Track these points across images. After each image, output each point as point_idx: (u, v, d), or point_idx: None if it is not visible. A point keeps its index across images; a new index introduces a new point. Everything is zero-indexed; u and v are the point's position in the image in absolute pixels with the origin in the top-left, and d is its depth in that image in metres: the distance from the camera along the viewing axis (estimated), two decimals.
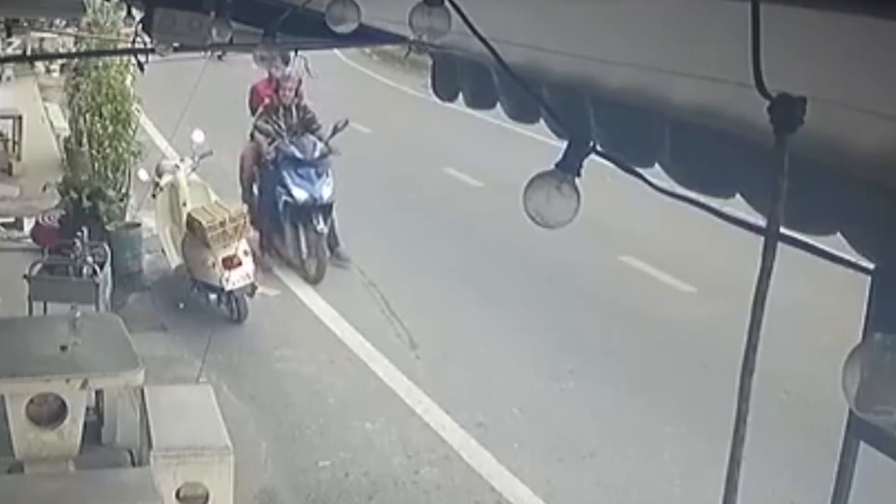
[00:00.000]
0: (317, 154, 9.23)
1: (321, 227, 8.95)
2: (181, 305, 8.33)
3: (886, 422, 1.64)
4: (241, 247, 7.82)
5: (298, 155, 9.15)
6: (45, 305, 6.70)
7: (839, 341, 1.69)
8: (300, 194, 8.96)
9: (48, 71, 17.92)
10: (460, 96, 4.35)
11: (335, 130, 9.40)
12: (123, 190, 9.70)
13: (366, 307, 8.43)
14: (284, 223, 9.06)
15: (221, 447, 4.78)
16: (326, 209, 9.08)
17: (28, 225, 9.54)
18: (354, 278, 9.12)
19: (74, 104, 10.93)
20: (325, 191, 9.06)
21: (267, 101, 9.72)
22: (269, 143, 9.32)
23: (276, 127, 9.46)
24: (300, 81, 9.54)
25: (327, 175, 9.18)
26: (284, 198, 9.02)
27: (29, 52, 15.82)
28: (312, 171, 9.09)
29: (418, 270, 9.35)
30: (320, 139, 9.46)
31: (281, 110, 9.55)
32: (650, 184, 1.93)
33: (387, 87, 21.73)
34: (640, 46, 2.38)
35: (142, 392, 5.18)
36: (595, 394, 7.00)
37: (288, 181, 9.01)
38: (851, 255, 2.06)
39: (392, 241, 10.22)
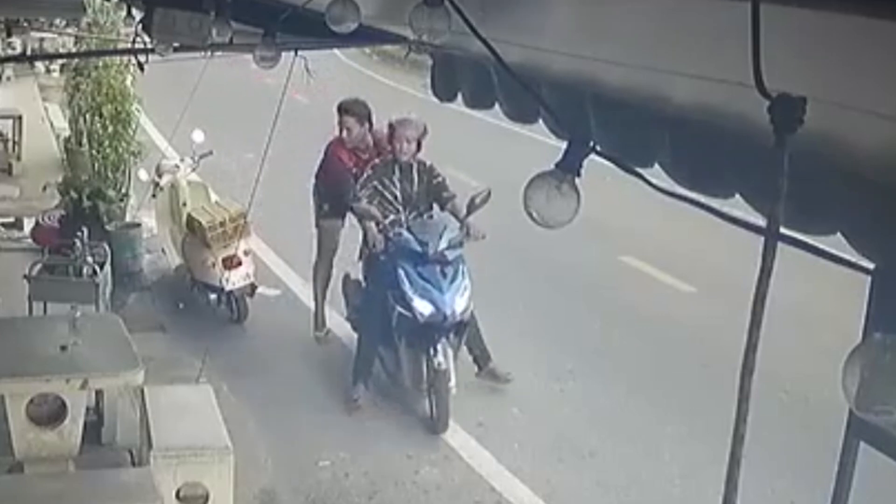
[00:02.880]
0: (445, 244, 6.44)
1: (443, 358, 6.24)
2: (181, 305, 8.34)
3: (886, 422, 1.64)
4: (241, 247, 7.82)
5: (418, 248, 6.43)
6: (45, 305, 6.70)
7: (839, 341, 1.69)
8: (422, 307, 6.29)
9: (48, 71, 17.93)
10: (459, 97, 4.35)
11: (473, 205, 6.53)
12: (123, 190, 9.70)
13: None
14: (399, 344, 6.52)
15: (221, 447, 4.78)
16: (460, 329, 6.45)
17: (28, 225, 9.54)
18: None
19: (74, 104, 10.93)
20: (458, 302, 6.34)
21: (372, 160, 7.11)
22: (378, 228, 6.63)
23: (387, 200, 6.75)
24: (424, 130, 6.85)
25: (462, 276, 6.44)
26: (399, 310, 6.39)
27: (29, 52, 15.82)
28: (439, 271, 6.39)
29: None
30: (454, 215, 6.74)
31: (395, 173, 6.78)
32: (650, 184, 1.93)
33: (387, 88, 21.72)
34: (640, 46, 2.38)
35: (142, 392, 5.18)
36: (595, 394, 7.00)
37: (405, 285, 6.35)
38: (851, 255, 2.06)
39: None
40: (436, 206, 6.86)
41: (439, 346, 6.25)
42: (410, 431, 6.39)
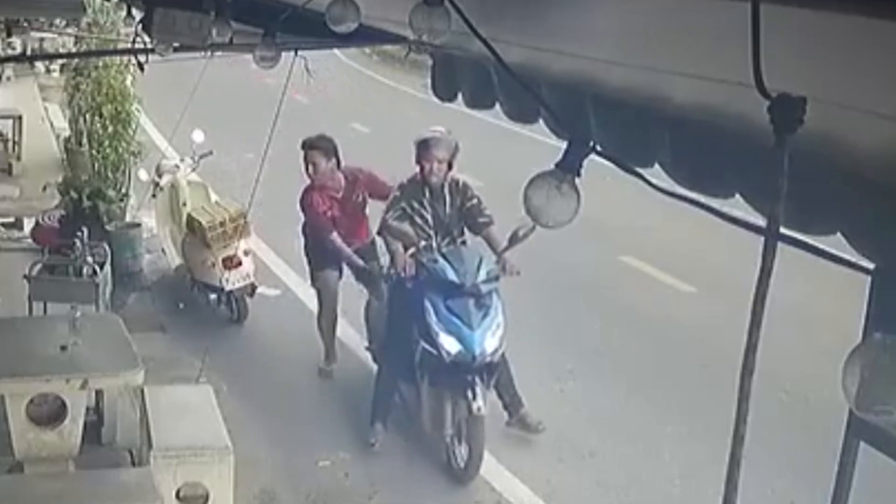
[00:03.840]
0: (483, 276, 5.78)
1: (479, 402, 5.58)
2: (181, 305, 8.34)
3: (886, 422, 1.64)
4: (241, 247, 7.82)
5: (454, 278, 5.75)
6: (45, 305, 6.70)
7: (839, 341, 1.69)
8: (448, 344, 5.62)
9: (48, 71, 17.95)
10: (459, 96, 4.36)
11: (515, 238, 5.78)
12: (123, 190, 9.70)
13: None
14: (421, 382, 5.85)
15: (221, 447, 4.78)
16: (491, 369, 5.74)
17: (28, 225, 9.55)
18: None
19: (74, 104, 10.94)
20: (489, 341, 5.64)
21: (349, 200, 7.04)
22: (408, 252, 6.04)
23: (416, 224, 6.12)
24: (456, 148, 6.20)
25: (495, 311, 5.75)
26: (424, 345, 5.72)
27: (29, 52, 15.83)
28: (471, 304, 5.70)
29: None
30: (489, 244, 6.12)
31: (425, 194, 6.16)
32: (650, 184, 1.93)
33: (387, 87, 21.74)
34: (641, 46, 2.38)
35: (142, 392, 5.18)
36: (595, 394, 7.00)
37: (431, 319, 5.68)
38: (851, 255, 2.06)
39: None
40: (468, 233, 6.25)
41: (477, 389, 5.55)
42: (431, 481, 5.85)
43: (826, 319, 7.47)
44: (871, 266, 2.12)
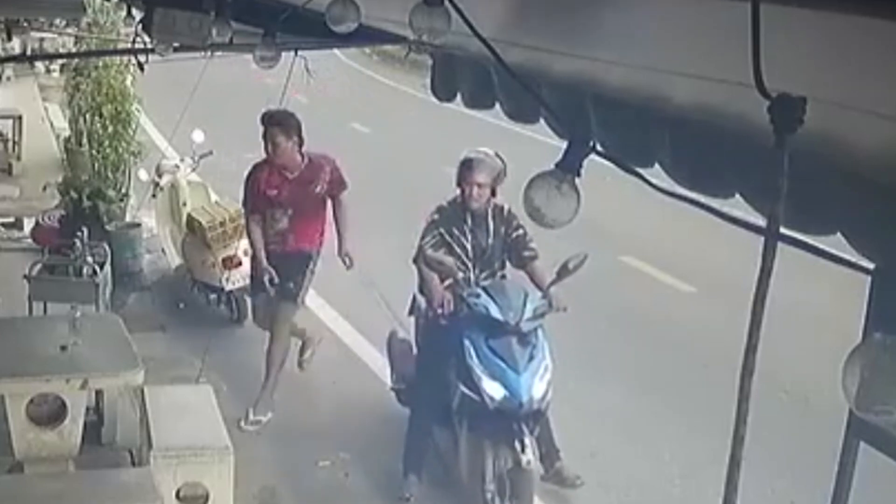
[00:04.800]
0: (528, 314, 5.20)
1: (528, 455, 5.03)
2: (181, 305, 8.34)
3: (886, 422, 1.64)
4: (241, 247, 7.81)
5: (496, 314, 5.17)
6: (45, 305, 6.70)
7: (839, 341, 1.69)
8: (493, 389, 5.05)
9: (48, 71, 17.96)
10: (459, 96, 4.36)
11: (565, 271, 5.35)
12: (123, 190, 9.70)
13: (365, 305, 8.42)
14: (459, 432, 5.29)
15: (221, 447, 4.78)
16: (537, 417, 5.19)
17: (28, 225, 9.55)
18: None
19: (74, 104, 10.94)
20: (537, 386, 5.08)
21: (307, 187, 6.39)
22: (443, 283, 5.45)
23: (454, 253, 5.52)
24: (502, 170, 5.54)
25: (542, 352, 5.20)
26: (464, 390, 5.16)
27: (29, 52, 15.84)
28: (516, 344, 5.14)
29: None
30: (533, 280, 5.55)
31: (466, 220, 5.56)
32: (650, 184, 1.93)
33: (387, 88, 21.75)
34: (641, 46, 2.38)
35: (142, 392, 5.18)
36: (595, 394, 7.00)
37: (473, 361, 5.11)
38: (851, 255, 2.06)
39: (391, 244, 10.21)
40: (508, 265, 5.69)
41: (526, 440, 5.01)
42: None
43: (826, 319, 7.47)
44: (871, 266, 2.12)
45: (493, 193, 5.55)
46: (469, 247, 5.53)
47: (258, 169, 6.47)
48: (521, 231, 5.56)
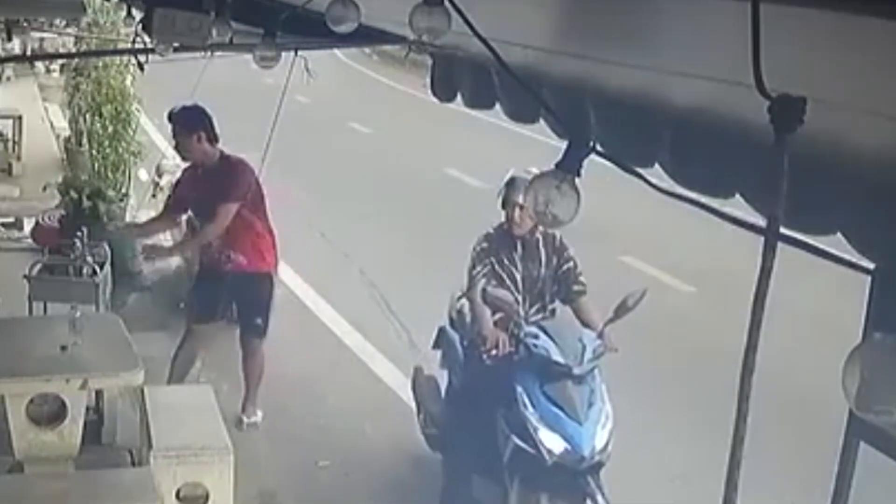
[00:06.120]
0: (588, 356, 4.76)
1: None
2: (181, 305, 8.32)
3: (886, 422, 1.64)
4: None
5: (557, 357, 4.68)
6: (45, 305, 6.70)
7: (839, 341, 1.69)
8: (552, 442, 4.56)
9: (48, 71, 17.96)
10: (459, 96, 4.36)
11: (623, 308, 5.00)
12: (123, 190, 9.71)
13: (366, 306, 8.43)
14: (510, 487, 4.72)
15: (221, 447, 4.78)
16: (598, 470, 4.70)
17: (28, 225, 9.55)
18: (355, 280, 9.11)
19: (74, 104, 10.95)
20: (599, 435, 4.64)
21: (227, 186, 5.91)
22: (496, 318, 4.97)
23: (507, 285, 5.04)
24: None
25: (601, 398, 4.77)
26: (516, 441, 4.65)
27: (29, 52, 15.84)
28: (575, 390, 4.67)
29: (414, 270, 9.34)
30: (579, 316, 5.16)
31: (516, 248, 5.09)
32: (650, 184, 1.93)
33: (387, 87, 21.74)
34: (641, 46, 2.38)
35: (142, 392, 5.18)
36: None
37: (527, 409, 4.61)
38: (851, 255, 2.06)
39: (391, 245, 10.23)
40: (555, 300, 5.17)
41: (599, 498, 4.58)
42: None
43: (826, 319, 7.47)
44: (871, 266, 2.12)
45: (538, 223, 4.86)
46: (519, 278, 5.05)
47: (184, 171, 6.34)
48: (571, 263, 5.16)
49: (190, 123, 5.97)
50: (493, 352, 4.84)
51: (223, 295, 6.10)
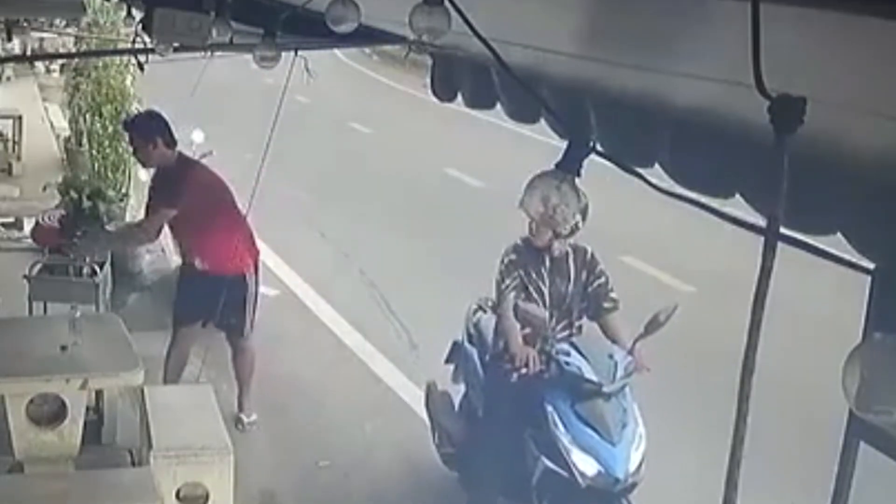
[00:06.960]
0: (620, 374, 4.65)
1: None
2: None
3: (886, 422, 1.64)
4: None
5: (590, 376, 4.56)
6: (45, 305, 6.70)
7: (839, 341, 1.69)
8: (585, 465, 4.45)
9: (48, 71, 17.95)
10: (459, 96, 4.36)
11: (654, 324, 4.88)
12: (123, 190, 9.71)
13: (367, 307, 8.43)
14: None
15: (221, 447, 4.78)
16: (631, 491, 4.61)
17: (28, 225, 9.54)
18: (358, 286, 9.11)
19: (74, 104, 10.95)
20: (633, 456, 4.53)
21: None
22: (524, 334, 4.73)
23: (534, 298, 4.80)
24: (584, 206, 4.14)
25: (634, 418, 4.67)
26: (547, 463, 4.53)
27: (29, 52, 15.84)
28: (607, 410, 4.56)
29: (414, 270, 9.34)
30: (606, 332, 4.97)
31: (545, 262, 4.81)
32: (650, 184, 1.94)
33: (387, 87, 21.73)
34: (641, 47, 2.38)
35: (142, 392, 5.18)
36: None
37: (558, 430, 4.49)
38: (852, 256, 2.06)
39: (391, 244, 10.22)
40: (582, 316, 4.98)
41: None
42: None
43: (826, 319, 7.47)
44: (871, 266, 2.12)
45: (572, 232, 4.63)
46: (547, 293, 4.82)
47: (152, 176, 6.36)
48: (602, 279, 4.97)
49: (145, 132, 5.97)
50: (524, 370, 4.61)
51: (200, 297, 6.07)
